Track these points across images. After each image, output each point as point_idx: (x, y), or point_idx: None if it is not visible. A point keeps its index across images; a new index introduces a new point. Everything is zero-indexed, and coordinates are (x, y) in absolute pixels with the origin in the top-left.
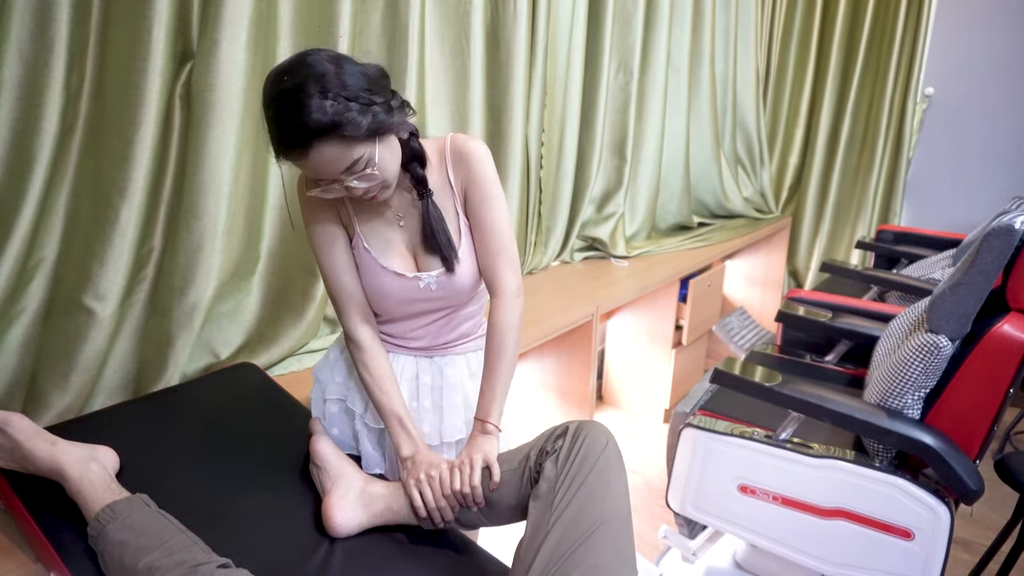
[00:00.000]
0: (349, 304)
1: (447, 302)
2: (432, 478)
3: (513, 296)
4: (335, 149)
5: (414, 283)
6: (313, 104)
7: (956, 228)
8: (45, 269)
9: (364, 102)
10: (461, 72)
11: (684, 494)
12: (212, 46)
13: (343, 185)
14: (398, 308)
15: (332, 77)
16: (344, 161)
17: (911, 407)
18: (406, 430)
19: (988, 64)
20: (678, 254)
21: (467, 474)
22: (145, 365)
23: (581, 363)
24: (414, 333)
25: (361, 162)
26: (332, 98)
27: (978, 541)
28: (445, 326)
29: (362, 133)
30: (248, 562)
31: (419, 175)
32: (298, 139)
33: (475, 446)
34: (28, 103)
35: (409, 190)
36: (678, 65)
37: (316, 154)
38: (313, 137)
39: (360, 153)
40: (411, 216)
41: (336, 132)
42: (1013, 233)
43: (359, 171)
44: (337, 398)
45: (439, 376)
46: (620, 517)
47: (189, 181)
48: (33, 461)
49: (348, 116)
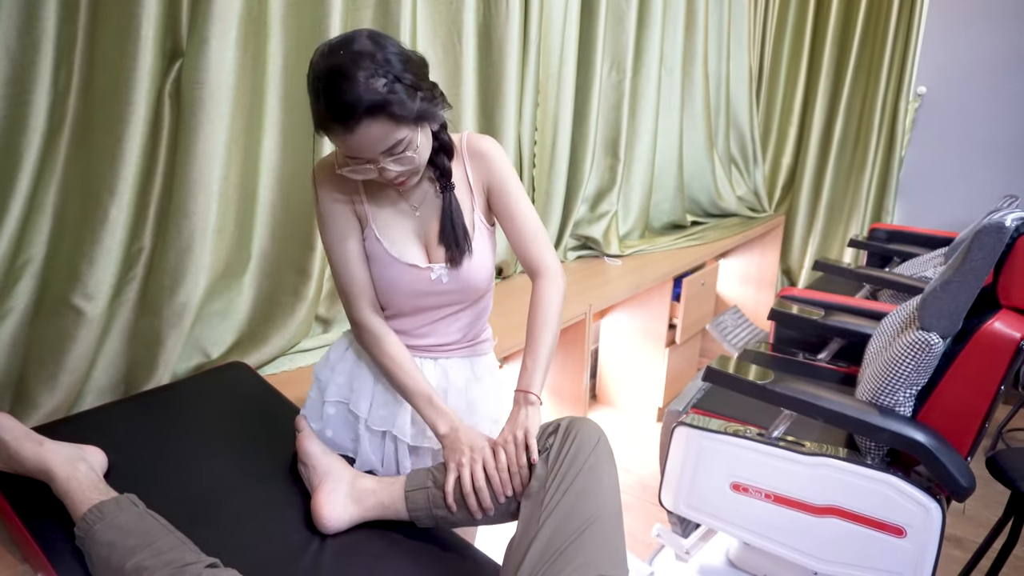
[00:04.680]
0: (360, 295)
1: (457, 296)
2: (475, 461)
3: (556, 273)
4: (383, 127)
5: (426, 274)
6: (366, 80)
7: (948, 226)
8: (33, 268)
9: (411, 84)
10: (453, 70)
11: (677, 492)
12: (202, 43)
13: (378, 166)
14: (407, 301)
15: (382, 56)
16: (387, 141)
17: (903, 404)
18: (436, 408)
19: (980, 63)
20: (671, 253)
21: (512, 454)
22: (135, 365)
23: (575, 362)
24: (420, 330)
25: (402, 144)
26: (383, 75)
27: (970, 538)
28: (452, 324)
29: (410, 115)
30: (237, 562)
31: (445, 167)
32: (348, 114)
33: (517, 421)
34: (15, 101)
35: (431, 181)
36: (671, 64)
37: (363, 130)
38: (364, 113)
39: (404, 135)
40: (428, 207)
41: (386, 110)
42: (1003, 231)
43: (399, 153)
44: (337, 400)
45: (444, 379)
46: (611, 515)
47: (179, 180)
48: (20, 461)
49: (398, 96)
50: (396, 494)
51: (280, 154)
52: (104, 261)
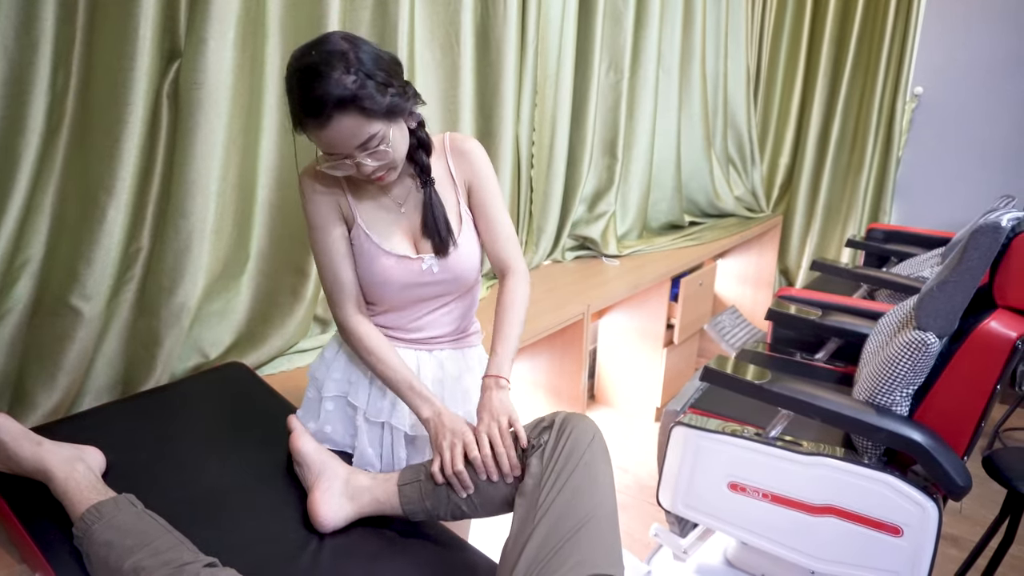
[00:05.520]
0: (345, 295)
1: (448, 287)
2: (456, 445)
3: (524, 273)
4: (354, 121)
5: (416, 264)
6: (336, 77)
7: (945, 226)
8: (31, 269)
9: (382, 81)
10: (451, 71)
11: (675, 492)
12: (200, 44)
13: (354, 161)
14: (399, 294)
15: (353, 55)
16: (360, 135)
17: (899, 404)
18: (419, 393)
19: (977, 64)
20: (669, 253)
21: (497, 436)
22: (133, 365)
23: (572, 362)
24: (414, 324)
25: (376, 139)
26: (354, 73)
27: (967, 537)
28: (445, 316)
29: (380, 109)
30: (235, 561)
31: (424, 163)
32: (319, 108)
33: (494, 405)
34: (13, 101)
35: (412, 177)
36: (669, 64)
37: (336, 124)
38: (335, 107)
39: (376, 129)
40: (411, 203)
41: (356, 104)
42: (999, 231)
43: (373, 147)
44: (335, 395)
45: (439, 370)
46: (606, 513)
47: (177, 180)
48: (18, 462)
49: (367, 91)
50: (390, 489)
51: (278, 154)
52: (102, 261)
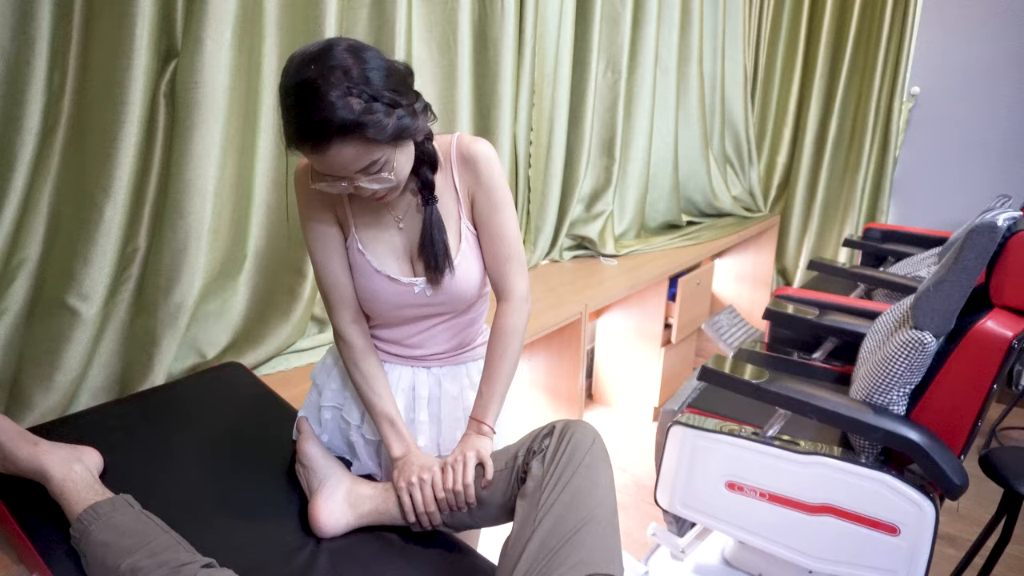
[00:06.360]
0: (340, 303)
1: (444, 308)
2: (424, 481)
3: (521, 301)
4: (355, 149)
5: (408, 288)
6: (339, 99)
7: (942, 226)
8: (28, 269)
9: (389, 103)
10: (448, 70)
11: (673, 491)
12: (197, 44)
13: (353, 184)
14: (391, 312)
15: (359, 72)
16: (361, 162)
17: (896, 403)
18: (397, 431)
19: (974, 64)
20: (667, 253)
21: (460, 472)
22: (130, 365)
23: (570, 361)
24: (410, 340)
25: (378, 164)
26: (357, 95)
27: (964, 536)
28: (443, 333)
29: (386, 136)
30: (233, 562)
31: (428, 180)
32: (318, 134)
33: (468, 443)
34: (10, 101)
35: (414, 193)
36: (666, 64)
37: (335, 151)
38: (335, 134)
39: (379, 155)
40: (411, 219)
41: (359, 132)
42: (996, 230)
43: (374, 172)
44: (332, 405)
45: (437, 388)
46: (606, 515)
47: (174, 180)
48: (15, 462)
49: (373, 118)
50: (391, 500)
51: (275, 154)
52: (99, 261)
